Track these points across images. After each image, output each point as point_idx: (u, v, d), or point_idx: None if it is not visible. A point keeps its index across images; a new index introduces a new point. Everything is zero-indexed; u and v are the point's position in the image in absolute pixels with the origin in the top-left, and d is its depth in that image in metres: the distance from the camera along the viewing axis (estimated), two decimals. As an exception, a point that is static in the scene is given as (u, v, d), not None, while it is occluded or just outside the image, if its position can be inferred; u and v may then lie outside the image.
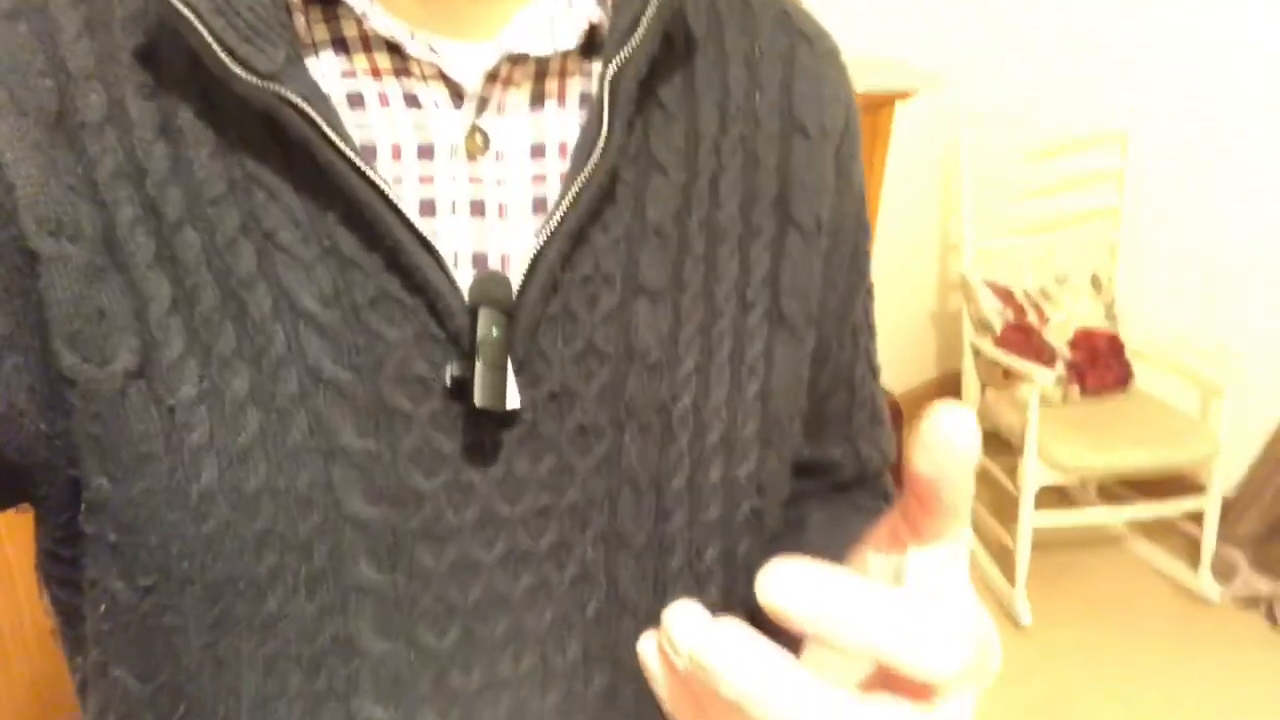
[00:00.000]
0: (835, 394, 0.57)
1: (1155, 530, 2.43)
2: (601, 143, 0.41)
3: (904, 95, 1.80)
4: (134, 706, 0.44)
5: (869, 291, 0.57)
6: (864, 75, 1.75)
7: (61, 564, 0.44)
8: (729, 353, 0.47)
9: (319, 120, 0.37)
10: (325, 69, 0.41)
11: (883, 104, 1.77)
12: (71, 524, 0.41)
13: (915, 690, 0.27)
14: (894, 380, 2.62)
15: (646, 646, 0.29)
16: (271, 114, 0.38)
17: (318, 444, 0.40)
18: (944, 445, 0.26)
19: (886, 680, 0.27)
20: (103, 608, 0.42)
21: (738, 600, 0.51)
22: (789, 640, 0.26)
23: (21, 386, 0.39)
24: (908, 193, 2.53)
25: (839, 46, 0.54)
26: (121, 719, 0.44)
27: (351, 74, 0.41)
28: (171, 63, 0.39)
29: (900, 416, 2.21)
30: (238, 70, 0.37)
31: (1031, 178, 2.56)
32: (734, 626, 0.25)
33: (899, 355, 2.79)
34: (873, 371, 0.59)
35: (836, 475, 0.60)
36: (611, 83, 0.42)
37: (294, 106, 0.37)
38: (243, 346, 0.40)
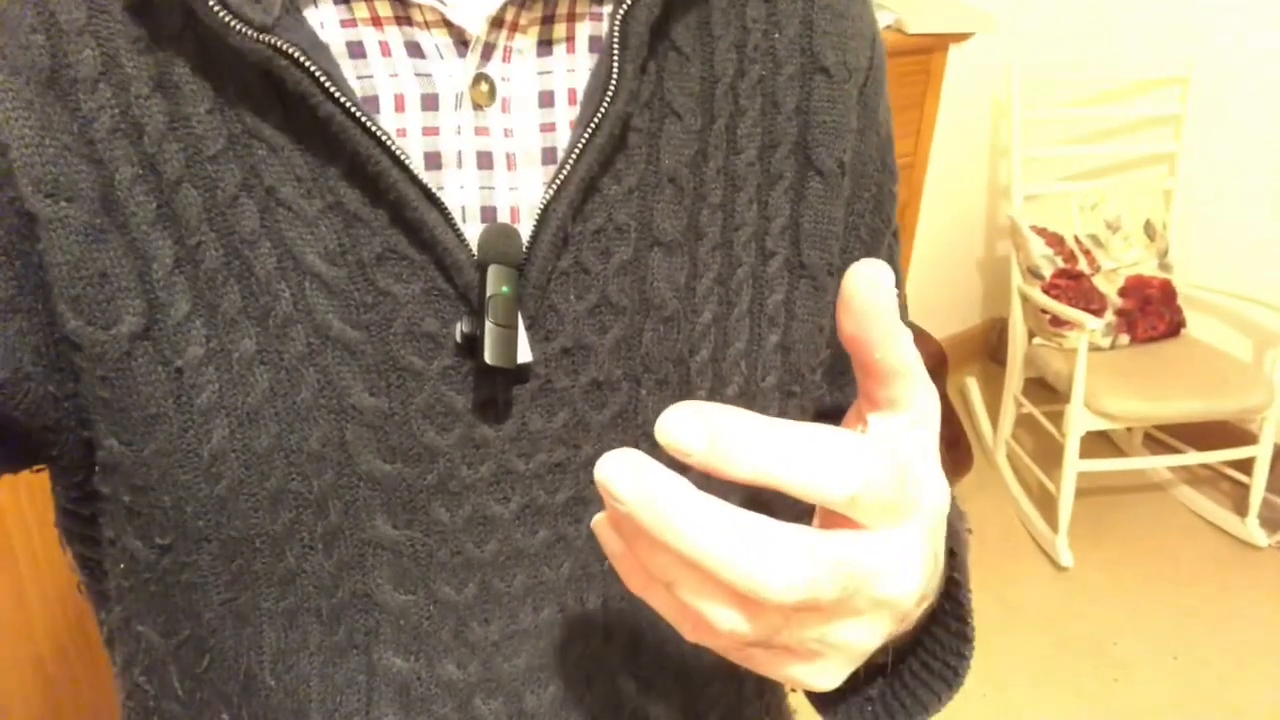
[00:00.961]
0: None
1: (1201, 478, 2.43)
2: (612, 87, 0.40)
3: (958, 38, 1.78)
4: (158, 660, 0.44)
5: (895, 235, 0.56)
6: (917, 17, 1.74)
7: (80, 521, 0.44)
8: (748, 304, 0.47)
9: (316, 72, 0.36)
10: (324, 17, 0.39)
11: (935, 46, 1.76)
12: (86, 483, 0.42)
13: (841, 523, 0.28)
14: (939, 326, 2.62)
15: (600, 523, 0.30)
16: (267, 66, 0.37)
17: (328, 402, 0.40)
18: (859, 298, 0.26)
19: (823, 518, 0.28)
20: (122, 565, 0.43)
21: None
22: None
23: (27, 349, 0.38)
24: (957, 136, 2.51)
25: None
26: (146, 671, 0.45)
27: (351, 23, 0.40)
28: (166, 16, 0.38)
29: (945, 364, 2.22)
30: (231, 22, 0.36)
31: (1083, 122, 2.52)
32: (660, 474, 0.26)
33: (945, 301, 2.79)
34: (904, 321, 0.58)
35: None
36: (622, 24, 0.40)
37: (290, 58, 0.36)
38: (248, 305, 0.39)
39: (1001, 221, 2.75)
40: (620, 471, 0.26)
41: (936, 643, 0.42)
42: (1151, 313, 2.26)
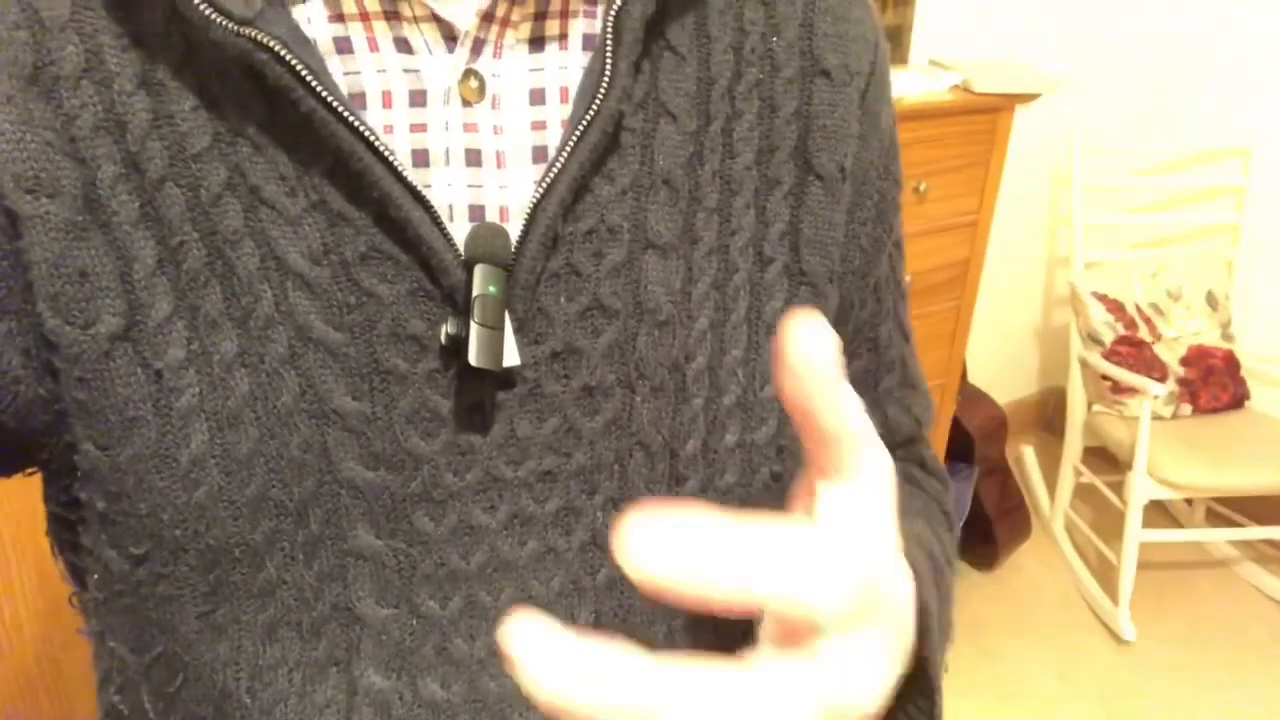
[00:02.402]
0: (858, 355, 0.54)
1: (1267, 555, 2.36)
2: (605, 84, 0.39)
3: (1024, 99, 1.80)
4: (130, 678, 0.43)
5: (897, 246, 0.54)
6: (984, 77, 1.76)
7: (68, 528, 0.43)
8: (745, 310, 0.45)
9: (298, 65, 0.36)
10: (311, 13, 0.39)
11: (1002, 106, 1.78)
12: (72, 489, 0.40)
13: (797, 636, 0.24)
14: (998, 392, 2.59)
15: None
16: (248, 61, 0.36)
17: (309, 406, 0.39)
18: (801, 361, 0.24)
19: (780, 634, 0.25)
20: (96, 577, 0.41)
21: None
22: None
23: (16, 351, 0.37)
24: (1016, 206, 2.52)
25: None
26: (120, 690, 0.44)
27: (339, 18, 0.39)
28: (150, 13, 0.37)
29: (1005, 427, 2.20)
30: (212, 15, 0.35)
31: (1145, 191, 2.52)
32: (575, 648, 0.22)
33: (1001, 370, 2.76)
34: (903, 334, 0.56)
35: None
36: (616, 20, 0.39)
37: (270, 52, 0.35)
38: (230, 307, 0.38)
39: (1059, 291, 2.74)
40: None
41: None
42: (1214, 383, 2.22)
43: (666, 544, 0.22)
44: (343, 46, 0.39)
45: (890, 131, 0.51)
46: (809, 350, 0.24)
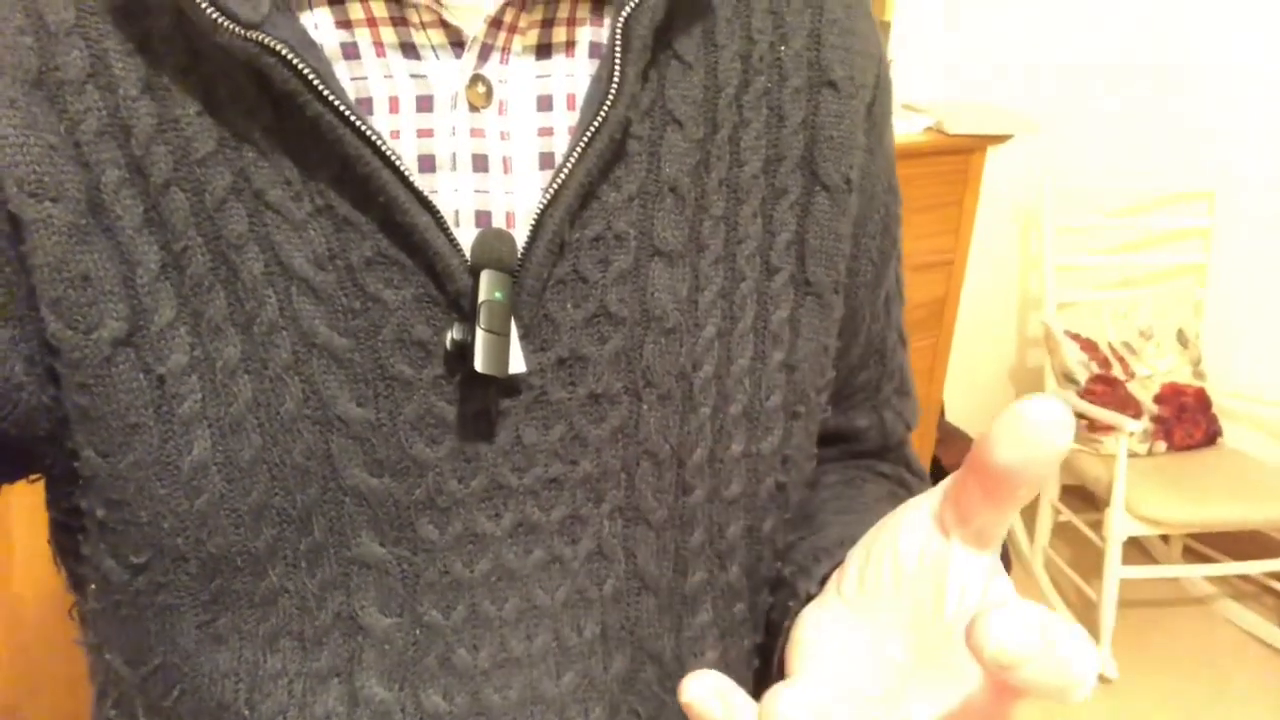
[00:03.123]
0: (867, 366, 0.55)
1: (1244, 592, 2.37)
2: (613, 91, 0.39)
3: (997, 140, 1.84)
4: (126, 691, 0.43)
5: (900, 258, 0.55)
6: (956, 119, 1.80)
7: (70, 535, 0.43)
8: (752, 319, 0.45)
9: (305, 70, 0.35)
10: (318, 19, 0.39)
11: (974, 147, 1.81)
12: (73, 496, 0.40)
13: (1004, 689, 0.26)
14: (975, 430, 2.60)
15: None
16: (255, 65, 0.36)
17: (313, 413, 0.39)
18: (1036, 435, 0.24)
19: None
20: (93, 586, 0.41)
21: (760, 578, 0.48)
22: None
23: (19, 358, 0.37)
24: (987, 249, 2.55)
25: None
26: (116, 704, 0.44)
27: (346, 24, 0.39)
28: (156, 17, 0.37)
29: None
30: (218, 19, 0.35)
31: (1115, 232, 2.57)
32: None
33: (975, 410, 2.78)
34: (902, 341, 0.57)
35: (859, 444, 0.57)
36: (624, 27, 0.39)
37: (278, 55, 0.35)
38: (234, 312, 0.38)
39: (1032, 332, 2.77)
40: None
41: None
42: (1188, 420, 2.25)
43: (1024, 624, 0.23)
44: (349, 52, 0.39)
45: (891, 145, 0.52)
46: (1047, 426, 0.24)
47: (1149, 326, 2.30)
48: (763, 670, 0.50)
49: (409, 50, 0.39)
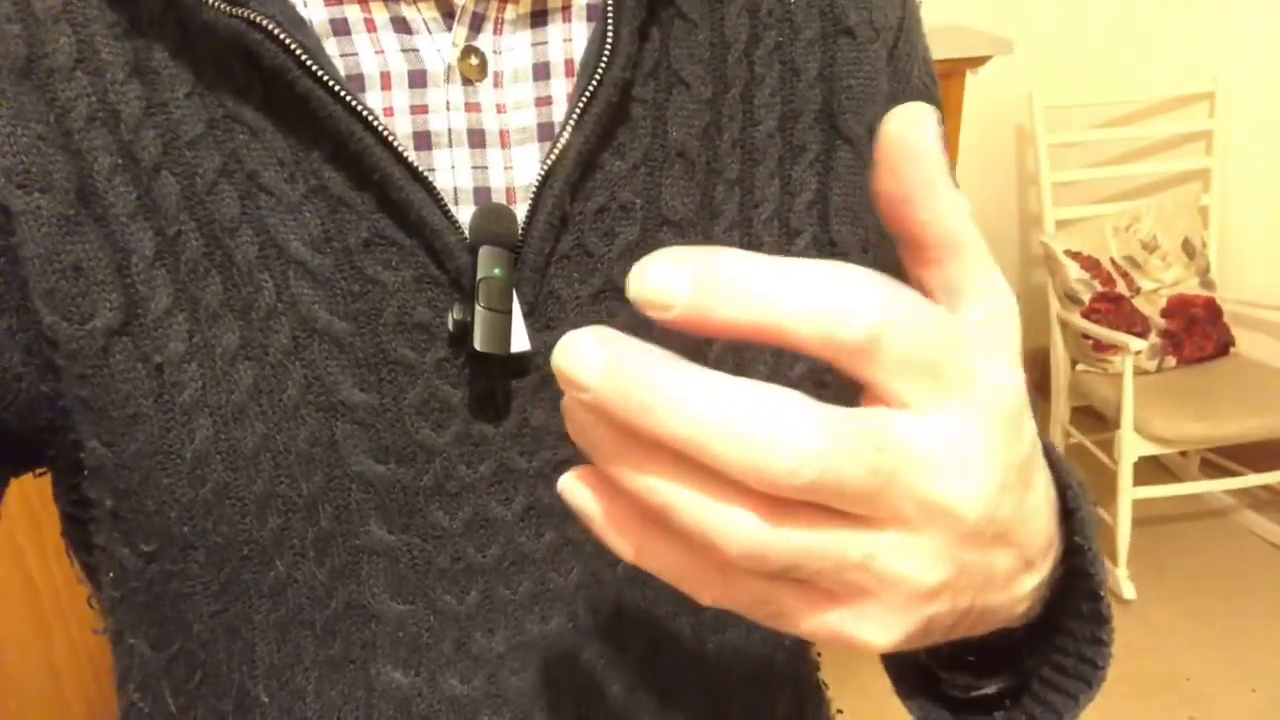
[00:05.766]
0: None
1: (1264, 500, 2.34)
2: (607, 52, 0.38)
3: (975, 63, 1.77)
4: (150, 675, 0.43)
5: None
6: (934, 44, 1.73)
7: (80, 527, 0.42)
8: None
9: (294, 46, 0.35)
10: None
11: (953, 73, 1.75)
12: (81, 487, 0.40)
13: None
14: (979, 359, 2.58)
15: (568, 483, 0.26)
16: (243, 43, 0.35)
17: (315, 399, 0.38)
18: (895, 142, 0.22)
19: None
20: (111, 574, 0.41)
21: None
22: None
23: (17, 348, 0.37)
24: (983, 168, 2.49)
25: None
26: (140, 687, 0.44)
27: (334, 0, 0.38)
28: (146, 0, 0.37)
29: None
30: None
31: (1112, 143, 2.49)
32: (631, 341, 0.22)
33: (983, 335, 2.74)
34: None
35: None
36: None
37: (265, 31, 0.35)
38: (230, 297, 0.38)
39: (1034, 250, 2.71)
40: (581, 344, 0.22)
41: (1065, 634, 0.34)
42: (1198, 332, 2.19)
43: (686, 264, 0.22)
44: (339, 28, 0.38)
45: (924, 88, 0.48)
46: (908, 132, 0.21)
47: (1152, 238, 2.23)
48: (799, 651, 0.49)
49: (400, 24, 0.38)
